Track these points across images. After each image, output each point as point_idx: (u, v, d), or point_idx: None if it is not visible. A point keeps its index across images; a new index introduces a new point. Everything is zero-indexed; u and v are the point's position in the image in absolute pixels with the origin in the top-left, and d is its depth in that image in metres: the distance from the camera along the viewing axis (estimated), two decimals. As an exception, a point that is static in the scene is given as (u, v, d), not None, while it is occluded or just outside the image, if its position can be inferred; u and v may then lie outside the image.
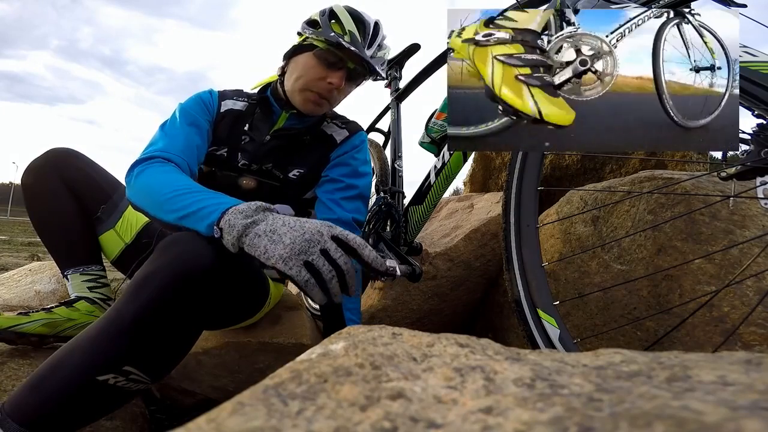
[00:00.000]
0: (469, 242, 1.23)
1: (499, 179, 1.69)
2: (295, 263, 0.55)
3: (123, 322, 0.57)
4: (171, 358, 0.64)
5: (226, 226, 0.59)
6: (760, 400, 0.21)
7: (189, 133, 0.87)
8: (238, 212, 0.60)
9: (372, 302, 1.25)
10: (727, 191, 0.74)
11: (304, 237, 0.56)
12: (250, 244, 0.57)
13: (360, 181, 0.98)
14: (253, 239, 0.57)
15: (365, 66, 0.90)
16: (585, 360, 0.31)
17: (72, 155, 0.98)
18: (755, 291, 0.68)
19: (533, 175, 0.84)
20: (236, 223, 0.59)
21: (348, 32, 0.87)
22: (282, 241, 0.56)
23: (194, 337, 0.66)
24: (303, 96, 0.91)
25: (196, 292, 0.59)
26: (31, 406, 0.56)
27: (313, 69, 0.89)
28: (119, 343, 0.57)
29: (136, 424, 0.84)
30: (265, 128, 0.96)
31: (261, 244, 0.56)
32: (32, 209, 0.96)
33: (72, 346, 0.59)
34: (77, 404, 0.57)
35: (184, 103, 0.93)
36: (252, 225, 0.58)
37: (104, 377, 0.57)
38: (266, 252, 0.56)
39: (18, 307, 1.06)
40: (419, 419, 0.22)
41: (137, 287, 0.58)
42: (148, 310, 0.57)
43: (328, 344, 0.33)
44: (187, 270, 0.58)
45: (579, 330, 0.87)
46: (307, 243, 0.56)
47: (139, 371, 0.59)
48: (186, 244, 0.61)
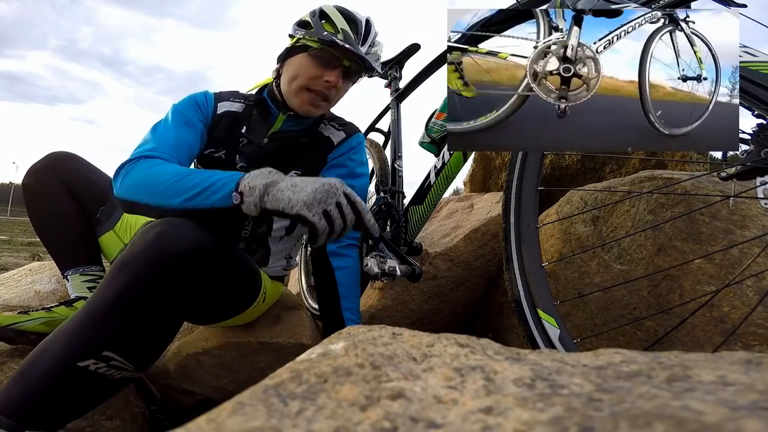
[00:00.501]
0: (469, 242, 1.23)
1: (499, 179, 1.69)
2: (317, 210, 0.62)
3: (101, 307, 0.58)
4: (152, 345, 0.64)
5: (246, 189, 0.64)
6: (760, 400, 0.21)
7: (180, 132, 0.87)
8: (256, 175, 0.65)
9: (372, 302, 1.25)
10: (727, 191, 0.74)
11: (324, 188, 0.63)
12: (273, 199, 0.63)
13: (357, 182, 0.98)
14: (276, 194, 0.63)
15: (361, 63, 0.90)
16: (585, 360, 0.31)
17: (72, 158, 0.99)
18: (755, 291, 0.68)
19: (533, 175, 0.84)
20: (257, 184, 0.63)
21: (341, 30, 0.87)
22: (305, 190, 0.62)
23: (176, 324, 0.67)
24: (300, 97, 0.91)
25: (174, 274, 0.60)
26: (17, 398, 0.56)
27: (309, 69, 0.89)
28: (98, 328, 0.57)
29: (136, 424, 0.84)
30: (263, 130, 0.96)
31: (284, 197, 0.62)
32: (33, 211, 0.96)
33: (54, 336, 0.59)
34: (61, 393, 0.57)
35: (177, 103, 0.93)
36: (273, 184, 0.64)
37: (84, 363, 0.57)
38: (290, 201, 0.62)
39: (18, 307, 1.06)
40: (419, 419, 0.22)
41: (116, 271, 0.59)
42: (125, 293, 0.58)
43: (328, 344, 0.33)
44: (164, 253, 0.59)
45: (579, 330, 0.87)
46: (326, 193, 0.63)
47: (121, 357, 0.59)
48: (164, 228, 0.62)
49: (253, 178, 0.65)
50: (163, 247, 0.59)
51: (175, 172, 0.71)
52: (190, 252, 0.61)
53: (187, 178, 0.69)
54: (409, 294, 1.21)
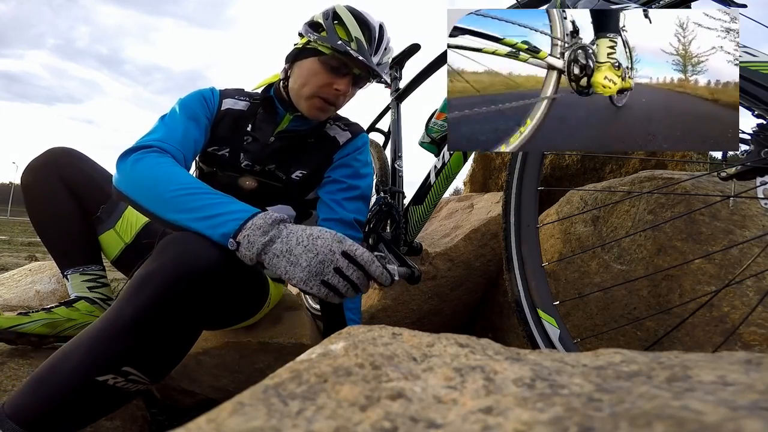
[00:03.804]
0: (469, 242, 1.23)
1: (499, 179, 1.69)
2: (314, 284, 0.60)
3: (122, 323, 0.57)
4: (170, 359, 0.64)
5: (245, 242, 0.61)
6: (760, 400, 0.21)
7: (188, 126, 0.86)
8: (257, 228, 0.62)
9: (372, 302, 1.25)
10: (727, 191, 0.74)
11: (318, 258, 0.60)
12: (270, 264, 0.61)
13: (362, 182, 0.99)
14: (272, 259, 0.61)
15: (371, 72, 0.89)
16: (585, 360, 0.31)
17: (72, 155, 0.98)
18: (755, 291, 0.68)
19: (533, 175, 0.84)
20: (255, 241, 0.61)
21: (354, 39, 0.86)
22: (299, 263, 0.60)
23: (194, 337, 0.66)
24: (309, 103, 0.90)
25: (196, 292, 0.59)
26: (30, 407, 0.56)
27: (319, 76, 0.88)
28: (119, 344, 0.57)
29: (136, 424, 0.84)
30: (269, 129, 0.96)
31: (281, 265, 0.60)
32: (32, 209, 0.95)
33: (71, 347, 0.58)
34: (76, 405, 0.57)
35: (185, 97, 0.93)
36: (270, 243, 0.61)
37: (103, 378, 0.56)
38: (287, 273, 0.60)
39: (18, 307, 1.06)
40: (419, 419, 0.22)
41: (137, 287, 0.58)
42: (148, 310, 0.57)
43: (328, 344, 0.33)
44: (188, 270, 0.58)
45: (579, 330, 0.87)
46: (321, 264, 0.60)
47: (139, 372, 0.59)
48: (187, 244, 0.61)
49: (254, 231, 0.61)
50: (185, 265, 0.58)
51: (184, 184, 0.68)
52: (211, 270, 0.60)
53: (194, 196, 0.66)
54: (409, 294, 1.21)
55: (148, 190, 0.69)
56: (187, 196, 0.66)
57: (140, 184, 0.70)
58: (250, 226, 0.61)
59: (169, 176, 0.69)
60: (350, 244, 0.62)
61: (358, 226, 0.95)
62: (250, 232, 0.61)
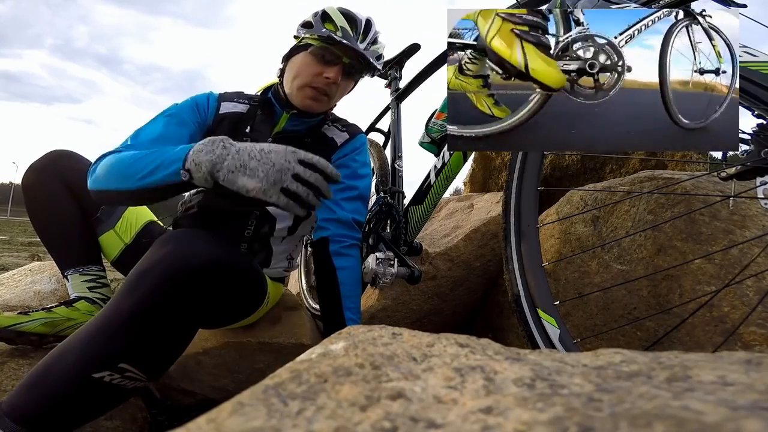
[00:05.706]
0: (469, 242, 1.23)
1: (499, 179, 1.69)
2: (273, 192, 0.61)
3: (120, 318, 0.57)
4: (167, 356, 0.64)
5: (192, 166, 0.64)
6: (760, 400, 0.21)
7: (168, 130, 0.87)
8: (198, 151, 0.65)
9: (372, 302, 1.25)
10: (727, 191, 0.74)
11: (275, 168, 0.62)
12: (226, 180, 0.62)
13: (360, 183, 0.99)
14: (227, 176, 0.62)
15: (360, 60, 0.91)
16: (585, 360, 0.31)
17: (72, 157, 0.99)
18: (755, 291, 0.68)
19: (533, 175, 0.84)
20: (202, 161, 0.63)
21: (340, 27, 0.90)
22: (257, 175, 0.62)
23: (190, 335, 0.66)
24: (302, 93, 0.92)
25: (193, 287, 0.59)
26: (28, 405, 0.56)
27: (309, 66, 0.91)
28: (115, 340, 0.57)
29: (135, 424, 0.84)
30: (267, 130, 0.97)
31: (237, 179, 0.62)
32: (32, 210, 0.96)
33: (68, 344, 0.59)
34: (73, 402, 0.57)
35: (178, 103, 0.95)
36: (219, 160, 0.63)
37: (100, 375, 0.57)
38: (245, 186, 0.61)
39: (18, 307, 1.06)
40: (419, 419, 0.22)
41: (134, 283, 0.58)
42: (146, 304, 0.57)
43: (328, 344, 0.33)
44: (184, 266, 0.58)
45: (579, 330, 0.87)
46: (279, 173, 0.62)
47: (135, 369, 0.59)
48: (183, 240, 0.61)
49: (197, 154, 0.64)
50: (182, 261, 0.59)
51: (134, 156, 0.72)
52: (207, 266, 0.60)
53: (142, 158, 0.71)
54: (409, 294, 1.21)
55: (110, 175, 0.74)
56: (139, 160, 0.71)
57: (102, 174, 0.75)
58: (192, 152, 0.65)
59: (125, 156, 0.74)
60: (304, 153, 0.65)
61: (356, 226, 0.95)
62: (194, 156, 0.64)
